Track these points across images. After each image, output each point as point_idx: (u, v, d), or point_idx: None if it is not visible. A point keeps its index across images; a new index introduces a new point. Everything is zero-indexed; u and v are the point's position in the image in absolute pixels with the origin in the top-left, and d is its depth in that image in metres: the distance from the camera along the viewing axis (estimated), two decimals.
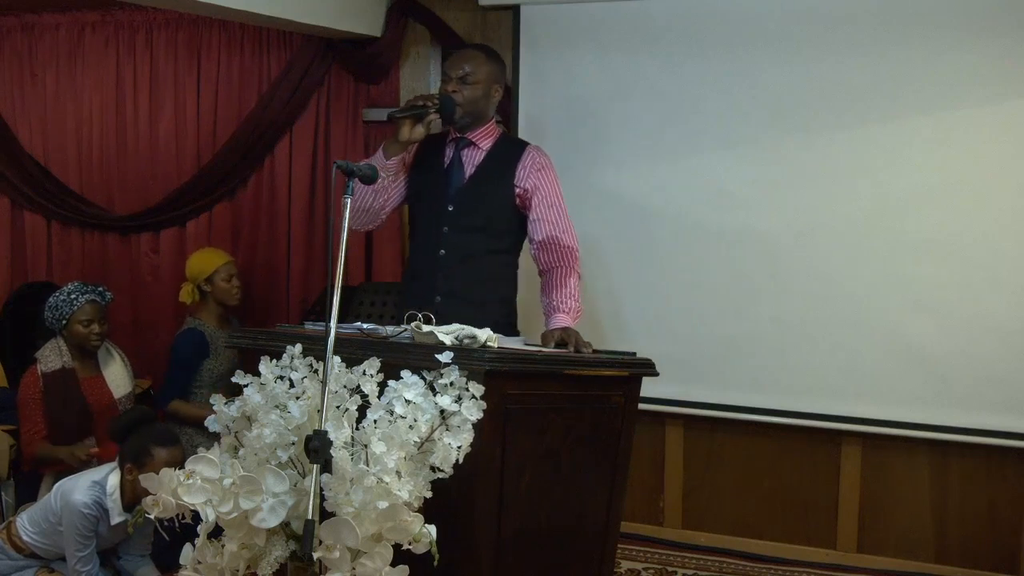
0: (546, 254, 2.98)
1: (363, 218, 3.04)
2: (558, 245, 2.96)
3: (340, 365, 2.11)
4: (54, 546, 3.11)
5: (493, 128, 3.06)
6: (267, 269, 4.42)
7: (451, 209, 2.96)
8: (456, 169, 3.01)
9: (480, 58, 2.99)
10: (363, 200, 2.97)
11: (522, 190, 2.97)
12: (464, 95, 2.94)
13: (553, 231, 2.96)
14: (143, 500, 2.11)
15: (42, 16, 4.69)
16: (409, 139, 2.92)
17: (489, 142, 3.03)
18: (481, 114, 2.99)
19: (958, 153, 3.39)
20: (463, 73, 2.94)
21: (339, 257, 2.13)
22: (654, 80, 3.72)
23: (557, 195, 3.00)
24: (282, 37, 4.30)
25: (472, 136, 3.01)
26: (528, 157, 3.00)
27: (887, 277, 3.49)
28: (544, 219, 2.96)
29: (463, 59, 2.98)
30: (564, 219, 2.99)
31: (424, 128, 2.92)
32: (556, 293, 2.94)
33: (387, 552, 1.98)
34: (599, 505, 2.49)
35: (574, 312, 2.89)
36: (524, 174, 2.97)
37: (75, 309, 3.59)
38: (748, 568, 3.70)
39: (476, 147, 3.01)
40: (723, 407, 3.75)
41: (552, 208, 2.97)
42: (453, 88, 2.94)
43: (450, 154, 3.03)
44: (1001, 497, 3.53)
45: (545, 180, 2.98)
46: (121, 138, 4.63)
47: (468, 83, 2.94)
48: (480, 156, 3.01)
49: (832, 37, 3.48)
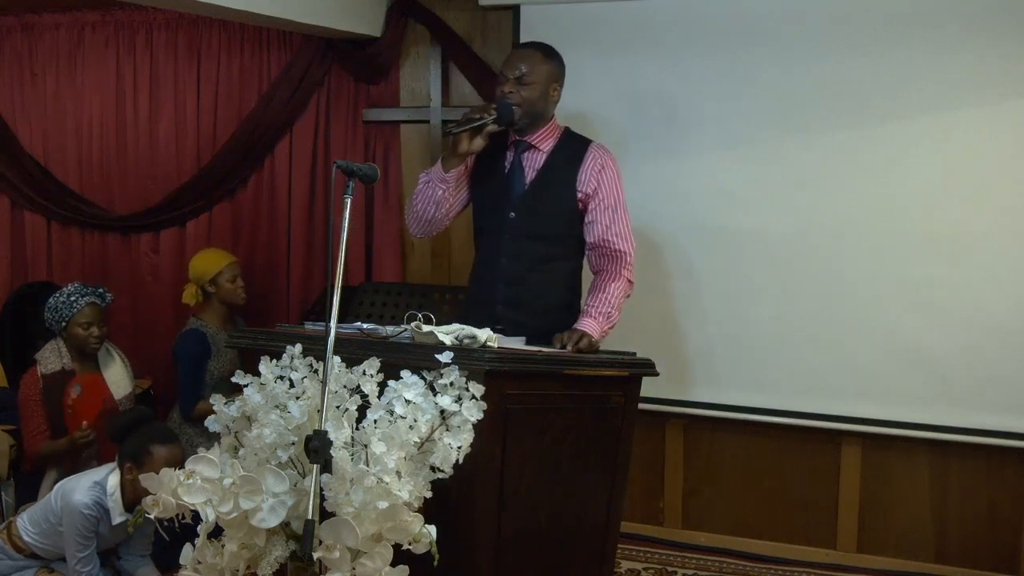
0: (596, 255, 2.93)
1: (428, 227, 3.00)
2: (609, 248, 2.90)
3: (340, 365, 2.11)
4: (54, 546, 3.11)
5: (555, 128, 2.98)
6: (267, 269, 4.42)
7: (512, 216, 2.91)
8: (517, 174, 2.93)
9: (537, 57, 2.91)
10: (424, 211, 2.94)
11: (583, 194, 2.91)
12: (521, 96, 2.86)
13: (605, 234, 2.89)
14: (143, 500, 2.11)
15: (42, 16, 4.69)
16: (468, 151, 2.85)
17: (551, 143, 2.95)
18: (540, 115, 2.92)
19: (959, 153, 3.39)
20: (520, 73, 2.87)
21: (339, 257, 2.13)
22: (654, 80, 3.72)
23: (615, 196, 2.92)
24: (282, 37, 4.30)
25: (532, 139, 2.93)
26: (590, 158, 2.92)
27: (887, 277, 3.49)
28: (598, 221, 2.90)
29: (519, 59, 2.91)
30: (619, 222, 2.91)
31: (483, 140, 2.85)
32: (593, 296, 2.88)
33: (387, 552, 1.98)
34: (599, 505, 2.50)
35: (603, 317, 2.83)
36: (585, 178, 2.90)
37: (75, 311, 3.58)
38: (748, 568, 3.70)
39: (537, 150, 2.94)
40: (723, 407, 3.75)
41: (607, 211, 2.90)
42: (509, 89, 2.87)
43: (511, 158, 2.96)
44: (1001, 497, 3.53)
45: (605, 181, 2.90)
46: (121, 138, 4.63)
47: (525, 84, 2.87)
48: (541, 160, 2.93)
49: (832, 37, 3.48)
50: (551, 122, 2.97)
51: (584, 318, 2.83)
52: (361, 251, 4.22)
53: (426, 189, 2.93)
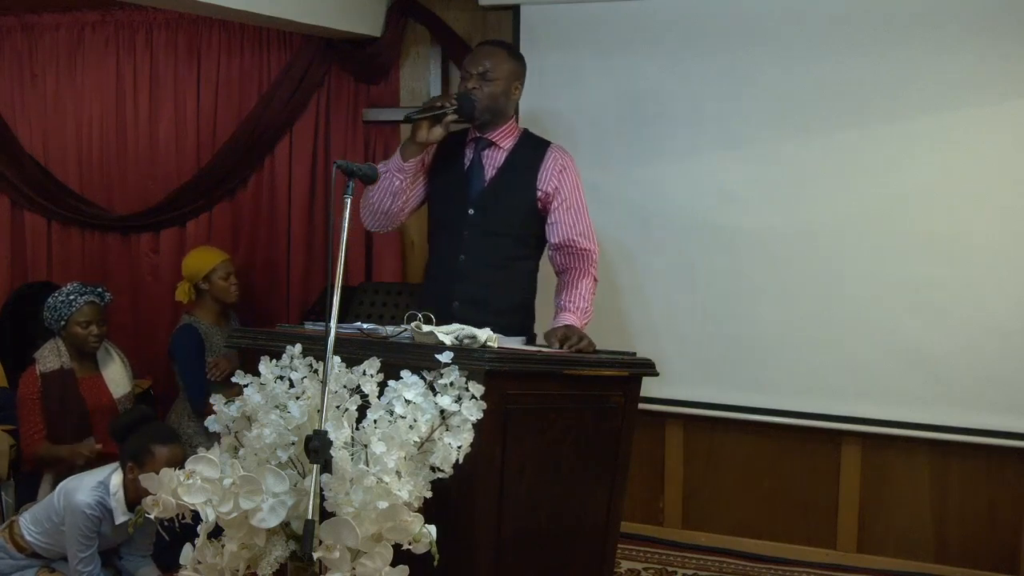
0: (562, 256, 2.95)
1: (381, 220, 3.00)
2: (574, 247, 2.93)
3: (340, 365, 2.11)
4: (56, 546, 3.12)
5: (514, 127, 3.00)
6: (267, 269, 4.42)
7: (472, 213, 2.92)
8: (476, 171, 2.95)
9: (501, 54, 2.94)
10: (380, 203, 2.94)
11: (544, 193, 2.92)
12: (484, 92, 2.88)
13: (570, 233, 2.92)
14: (143, 500, 2.11)
15: (42, 16, 4.69)
16: (427, 140, 2.86)
17: (510, 142, 2.97)
18: (501, 112, 2.94)
19: (959, 153, 3.39)
20: (483, 69, 2.89)
21: (339, 257, 2.13)
22: (654, 80, 3.72)
23: (576, 196, 2.95)
24: (282, 37, 4.30)
25: (492, 136, 2.96)
26: (550, 159, 2.94)
27: (887, 277, 3.49)
28: (561, 222, 2.92)
29: (483, 55, 2.93)
30: (583, 221, 2.94)
31: (443, 129, 2.86)
32: (566, 293, 2.91)
33: (387, 552, 1.98)
34: (599, 505, 2.49)
35: (581, 312, 2.86)
36: (546, 176, 2.92)
37: (74, 310, 3.58)
38: (748, 568, 3.70)
39: (497, 147, 2.96)
40: (723, 407, 3.75)
41: (570, 211, 2.93)
42: (473, 85, 2.89)
43: (470, 155, 2.98)
44: (1001, 497, 3.53)
45: (566, 181, 2.93)
46: (121, 138, 4.63)
47: (488, 80, 2.89)
48: (501, 157, 2.95)
49: (832, 37, 3.48)
50: (511, 121, 3.00)
51: (563, 314, 2.85)
52: (361, 251, 4.22)
53: (383, 180, 2.90)
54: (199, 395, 3.79)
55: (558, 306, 2.91)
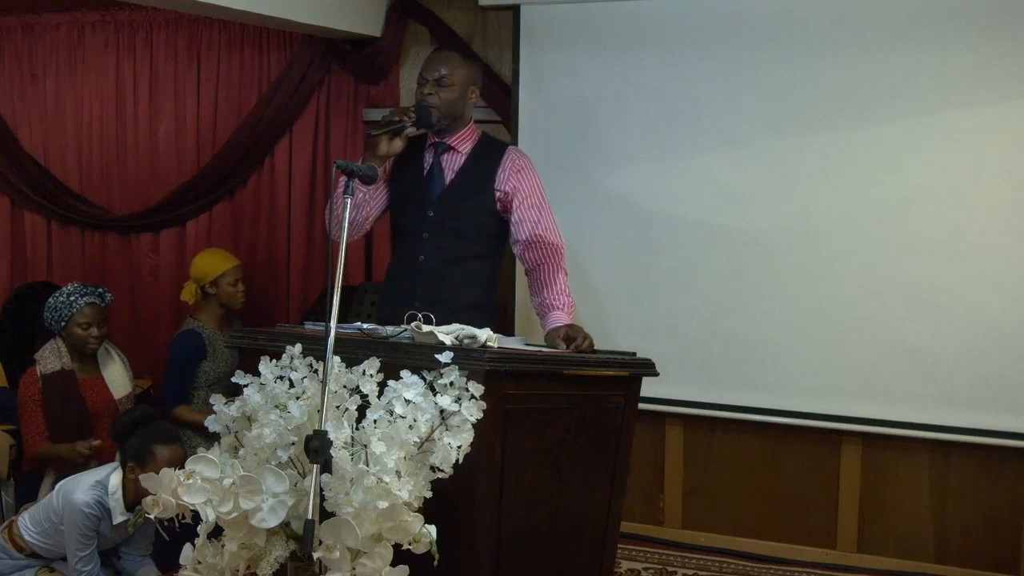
0: (531, 252, 2.97)
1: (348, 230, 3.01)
2: (542, 243, 2.95)
3: (340, 365, 2.11)
4: (55, 546, 3.11)
5: (472, 131, 3.05)
6: (267, 269, 4.42)
7: (431, 215, 2.96)
8: (436, 175, 3.00)
9: (456, 59, 2.98)
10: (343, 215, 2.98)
11: (503, 194, 2.97)
12: (440, 97, 2.93)
13: (535, 229, 2.95)
14: (143, 500, 2.11)
15: (42, 16, 4.70)
16: (388, 153, 2.91)
17: (468, 145, 3.02)
18: (458, 116, 2.98)
19: (959, 153, 3.39)
20: (439, 75, 2.93)
21: (339, 257, 2.13)
22: (654, 80, 3.72)
23: (539, 195, 2.99)
24: (282, 37, 4.30)
25: (451, 140, 3.00)
26: (508, 160, 2.99)
27: (887, 277, 3.48)
28: (526, 219, 2.95)
29: (438, 61, 2.97)
30: (547, 217, 2.98)
31: (402, 141, 2.91)
32: (547, 291, 2.93)
33: (387, 552, 1.98)
34: (599, 505, 2.49)
35: (568, 308, 2.89)
36: (504, 177, 2.97)
37: (74, 311, 3.58)
38: (748, 568, 3.70)
39: (455, 151, 3.01)
40: (723, 407, 3.75)
41: (533, 208, 2.96)
42: (429, 91, 2.93)
43: (430, 159, 3.03)
44: (1001, 497, 3.53)
45: (525, 181, 2.97)
46: (121, 138, 4.64)
47: (444, 85, 2.93)
48: (460, 160, 3.00)
49: (833, 37, 3.48)
50: (469, 124, 3.04)
51: (554, 312, 2.87)
52: (361, 251, 4.22)
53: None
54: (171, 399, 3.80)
55: (542, 305, 2.93)
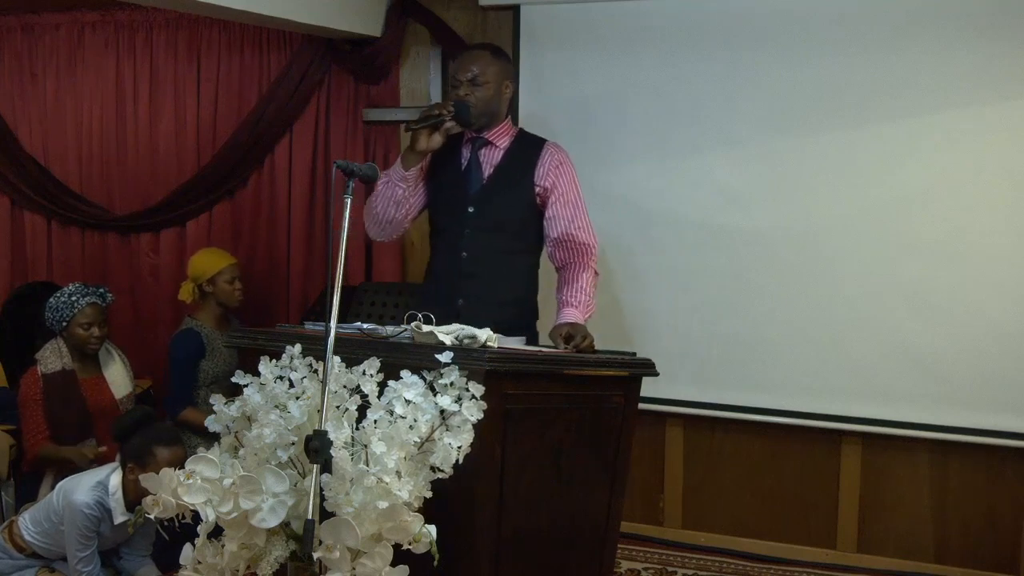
0: (561, 251, 2.98)
1: (387, 229, 3.06)
2: (573, 242, 2.96)
3: (340, 365, 2.11)
4: (55, 546, 3.11)
5: (509, 126, 3.06)
6: (267, 269, 4.42)
7: (471, 211, 2.96)
8: (474, 170, 3.00)
9: (486, 57, 2.99)
10: (385, 212, 2.99)
11: (541, 189, 2.97)
12: (476, 96, 2.94)
13: (568, 228, 2.95)
14: (143, 500, 2.11)
15: (42, 16, 4.69)
16: (427, 148, 2.92)
17: (507, 140, 3.02)
18: (495, 113, 3.00)
19: (959, 153, 3.39)
20: (472, 75, 2.94)
21: (339, 257, 2.13)
22: (654, 80, 3.72)
23: (574, 192, 2.99)
24: (282, 37, 4.30)
25: (489, 135, 3.01)
26: (547, 155, 3.00)
27: (887, 277, 3.49)
28: (560, 216, 2.96)
29: (470, 61, 2.98)
30: (581, 216, 2.98)
31: (441, 136, 2.92)
32: (568, 288, 2.94)
33: (387, 552, 1.98)
34: (599, 505, 2.50)
35: (584, 306, 2.88)
36: (543, 172, 2.97)
37: (75, 312, 3.58)
38: (748, 568, 3.70)
39: (494, 146, 3.01)
40: (723, 407, 3.75)
41: (568, 205, 2.97)
42: (465, 92, 2.94)
43: (467, 155, 3.03)
44: (1001, 497, 3.53)
45: (563, 177, 2.98)
46: (121, 138, 4.63)
47: (478, 84, 2.94)
48: (498, 156, 3.01)
49: (833, 37, 3.48)
50: (506, 120, 3.05)
51: (567, 308, 2.88)
52: (361, 251, 4.22)
53: (386, 190, 2.98)
54: (176, 405, 3.79)
55: (560, 301, 2.94)
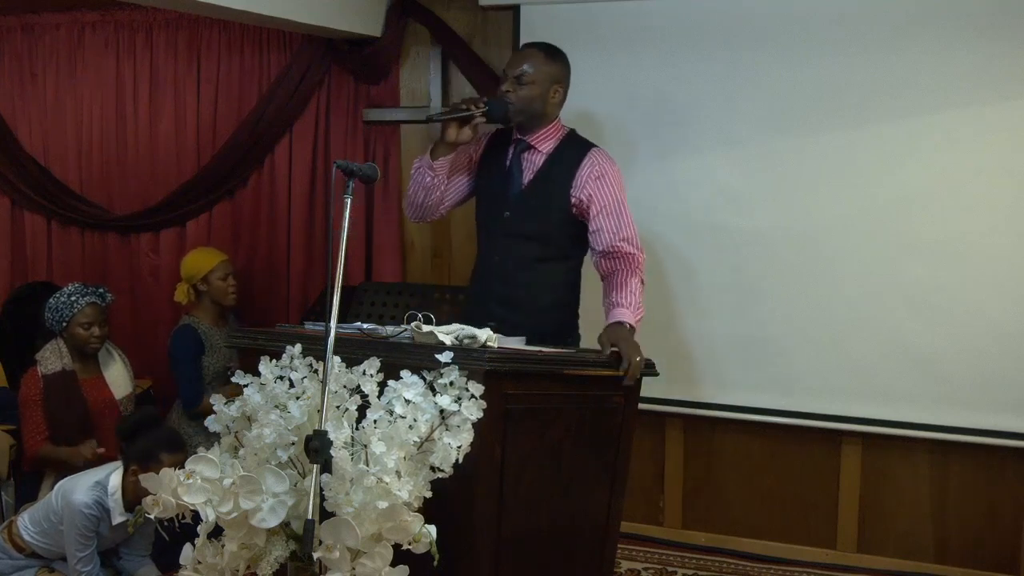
0: (607, 261, 2.87)
1: (418, 212, 3.01)
2: (619, 253, 2.84)
3: (340, 365, 2.11)
4: (55, 546, 3.11)
5: (557, 129, 2.94)
6: (267, 269, 4.42)
7: (507, 215, 2.91)
8: (515, 173, 2.92)
9: (539, 57, 2.88)
10: (415, 196, 2.96)
11: (578, 200, 2.86)
12: (518, 95, 2.85)
13: (613, 240, 2.84)
14: (143, 500, 2.11)
15: (42, 16, 4.69)
16: (456, 141, 2.84)
17: (550, 144, 2.92)
18: (538, 115, 2.89)
19: (959, 153, 3.39)
20: (519, 72, 2.85)
21: (339, 257, 2.13)
22: (654, 80, 3.72)
23: (617, 201, 2.86)
24: (282, 37, 4.30)
25: (531, 139, 2.91)
26: (587, 164, 2.87)
27: (887, 277, 3.48)
28: (603, 229, 2.85)
29: (521, 58, 2.89)
30: (625, 227, 2.85)
31: (471, 131, 2.84)
32: (616, 292, 2.81)
33: (387, 552, 1.98)
34: (599, 505, 2.50)
35: (634, 308, 2.76)
36: (580, 183, 2.86)
37: (75, 312, 3.58)
38: (748, 568, 3.70)
39: (535, 150, 2.91)
40: (723, 407, 3.75)
41: (610, 216, 2.85)
42: (508, 88, 2.86)
43: (511, 156, 2.95)
44: (1001, 497, 3.53)
45: (603, 188, 2.85)
46: (121, 138, 4.63)
47: (523, 83, 2.84)
48: (540, 160, 2.91)
49: (833, 37, 3.48)
50: (554, 124, 2.94)
51: (616, 309, 2.76)
52: (361, 251, 4.22)
53: (417, 174, 2.95)
54: (193, 397, 3.79)
55: (609, 303, 2.81)
